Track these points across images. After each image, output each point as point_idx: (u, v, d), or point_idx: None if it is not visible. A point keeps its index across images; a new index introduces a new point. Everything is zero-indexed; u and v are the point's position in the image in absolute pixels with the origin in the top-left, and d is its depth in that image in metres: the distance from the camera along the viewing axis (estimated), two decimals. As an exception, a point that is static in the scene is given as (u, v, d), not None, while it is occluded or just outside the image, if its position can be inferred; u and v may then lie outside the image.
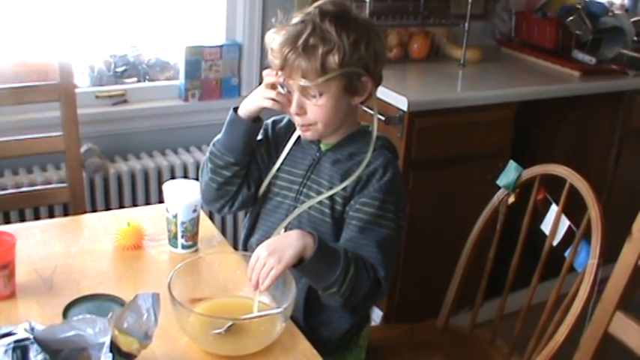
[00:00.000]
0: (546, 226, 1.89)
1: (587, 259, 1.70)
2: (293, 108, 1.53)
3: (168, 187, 1.70)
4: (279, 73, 1.51)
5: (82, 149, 2.34)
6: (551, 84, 2.92)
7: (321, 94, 1.50)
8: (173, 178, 2.55)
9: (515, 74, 3.03)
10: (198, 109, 2.77)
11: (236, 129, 1.60)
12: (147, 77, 2.81)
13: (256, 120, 1.61)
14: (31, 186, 2.32)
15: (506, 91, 2.75)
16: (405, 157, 2.48)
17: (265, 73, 1.55)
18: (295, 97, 1.52)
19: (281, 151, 1.67)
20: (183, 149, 2.76)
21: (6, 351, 1.16)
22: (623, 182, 3.23)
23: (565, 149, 3.22)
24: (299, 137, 1.64)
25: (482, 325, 2.14)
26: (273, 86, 1.54)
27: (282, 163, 1.66)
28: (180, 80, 2.75)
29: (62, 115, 2.03)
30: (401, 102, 2.45)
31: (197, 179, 1.73)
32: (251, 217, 1.73)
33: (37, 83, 2.07)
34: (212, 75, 2.77)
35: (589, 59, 3.08)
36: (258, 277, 1.39)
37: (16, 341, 1.18)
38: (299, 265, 1.41)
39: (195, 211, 1.70)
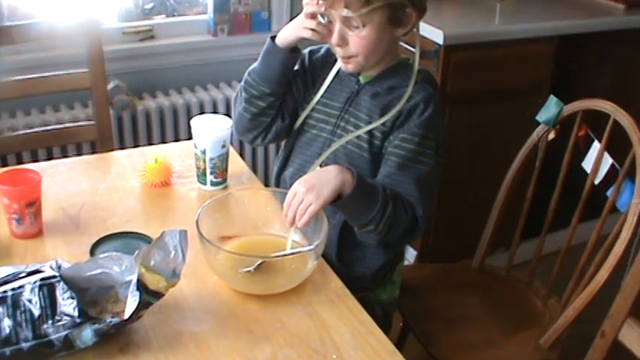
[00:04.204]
0: (587, 164, 1.84)
1: (631, 199, 1.66)
2: (334, 39, 1.47)
3: (197, 122, 1.66)
4: (320, 2, 1.44)
5: (109, 86, 2.32)
6: (594, 17, 2.81)
7: (364, 25, 1.44)
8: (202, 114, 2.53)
9: (555, 7, 2.92)
10: (228, 44, 2.71)
11: (273, 59, 1.56)
12: (175, 14, 2.75)
13: (294, 50, 1.57)
14: (59, 124, 2.30)
15: (546, 25, 2.66)
16: (441, 92, 2.40)
17: (305, 1, 1.48)
18: (337, 27, 1.46)
19: (319, 83, 1.62)
20: (212, 85, 2.71)
21: (32, 289, 1.15)
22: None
23: (607, 86, 3.12)
24: (338, 69, 1.59)
25: (518, 265, 2.10)
26: (313, 16, 1.48)
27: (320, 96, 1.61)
28: (209, 14, 2.68)
29: (87, 51, 1.99)
30: (437, 35, 2.37)
31: (227, 115, 1.68)
32: (285, 151, 1.69)
33: (62, 20, 2.02)
34: (241, 9, 2.70)
35: (634, -9, 2.96)
36: (295, 213, 1.36)
37: (42, 279, 1.16)
38: (337, 201, 1.38)
39: (224, 146, 1.65)
